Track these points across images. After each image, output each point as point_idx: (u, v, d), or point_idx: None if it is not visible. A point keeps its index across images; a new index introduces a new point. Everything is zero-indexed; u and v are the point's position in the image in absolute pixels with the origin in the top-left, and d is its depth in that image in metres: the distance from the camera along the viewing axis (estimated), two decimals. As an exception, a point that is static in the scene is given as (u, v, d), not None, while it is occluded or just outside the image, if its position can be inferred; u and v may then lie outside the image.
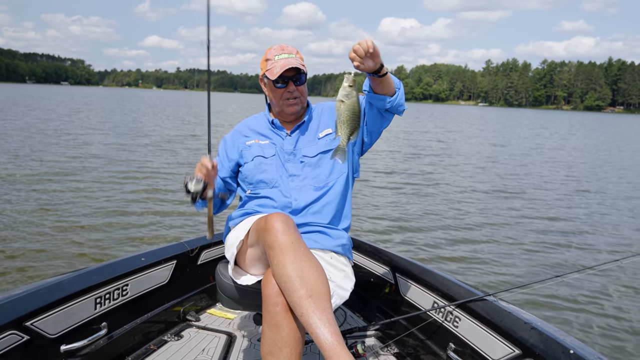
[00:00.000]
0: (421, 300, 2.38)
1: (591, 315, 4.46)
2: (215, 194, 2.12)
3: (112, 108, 37.82)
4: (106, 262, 2.31)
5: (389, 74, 1.88)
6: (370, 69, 1.78)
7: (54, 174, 9.52)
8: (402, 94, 1.98)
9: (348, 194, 2.17)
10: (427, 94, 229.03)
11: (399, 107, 1.99)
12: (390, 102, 1.95)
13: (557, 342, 1.71)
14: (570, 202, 9.54)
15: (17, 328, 1.74)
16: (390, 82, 1.91)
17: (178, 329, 2.57)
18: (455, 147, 20.09)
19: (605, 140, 29.02)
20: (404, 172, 12.51)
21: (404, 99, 1.99)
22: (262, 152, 2.14)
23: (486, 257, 5.91)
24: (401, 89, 1.98)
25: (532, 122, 54.34)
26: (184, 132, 20.81)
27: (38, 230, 5.97)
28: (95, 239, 5.81)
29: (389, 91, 1.93)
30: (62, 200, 7.50)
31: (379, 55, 1.75)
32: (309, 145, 2.12)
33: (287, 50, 2.11)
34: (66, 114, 27.66)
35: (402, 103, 1.99)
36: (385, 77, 1.86)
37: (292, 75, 2.07)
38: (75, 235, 5.87)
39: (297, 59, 2.09)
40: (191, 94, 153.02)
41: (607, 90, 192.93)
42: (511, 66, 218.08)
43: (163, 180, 9.60)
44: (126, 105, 45.88)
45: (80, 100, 50.80)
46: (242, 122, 2.32)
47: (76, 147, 13.65)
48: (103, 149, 13.63)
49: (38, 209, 6.86)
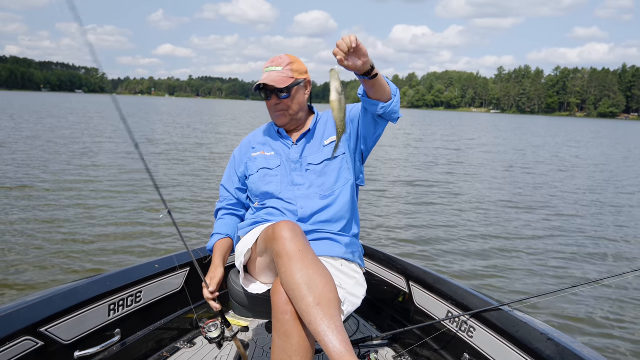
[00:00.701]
0: (435, 310, 2.35)
1: (608, 327, 4.37)
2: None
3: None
4: (120, 269, 2.32)
5: (383, 79, 1.85)
6: (357, 67, 1.73)
7: (70, 182, 9.61)
8: (398, 101, 1.94)
9: (355, 201, 2.16)
10: (439, 101, 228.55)
11: (392, 114, 1.95)
12: (383, 107, 1.92)
13: (574, 353, 1.67)
14: (586, 213, 9.39)
15: (32, 334, 1.76)
16: (384, 87, 1.87)
17: (191, 336, 2.58)
18: (469, 155, 19.98)
19: (627, 149, 28.58)
20: (418, 180, 12.44)
21: (399, 106, 1.96)
22: (267, 164, 2.14)
23: (501, 267, 5.84)
24: (397, 96, 1.94)
25: (547, 129, 53.88)
26: (193, 139, 20.89)
27: (49, 238, 6.01)
28: (106, 248, 5.84)
29: (383, 96, 1.90)
30: (74, 209, 7.56)
31: (366, 54, 1.71)
32: (315, 153, 2.12)
33: (276, 63, 2.11)
34: (80, 121, 27.92)
35: (396, 110, 1.95)
36: (376, 80, 1.82)
37: (275, 89, 2.06)
38: (83, 245, 5.90)
39: (279, 73, 2.07)
40: (203, 102, 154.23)
41: (621, 97, 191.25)
42: (523, 73, 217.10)
43: (173, 189, 9.65)
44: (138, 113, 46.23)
45: (93, 108, 51.25)
46: (250, 134, 2.33)
47: (84, 154, 13.78)
48: (112, 157, 13.74)
49: (49, 219, 6.92)
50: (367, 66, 1.74)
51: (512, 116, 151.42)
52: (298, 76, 2.11)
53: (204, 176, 11.30)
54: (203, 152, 16.12)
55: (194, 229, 6.83)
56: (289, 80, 2.07)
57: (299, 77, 2.11)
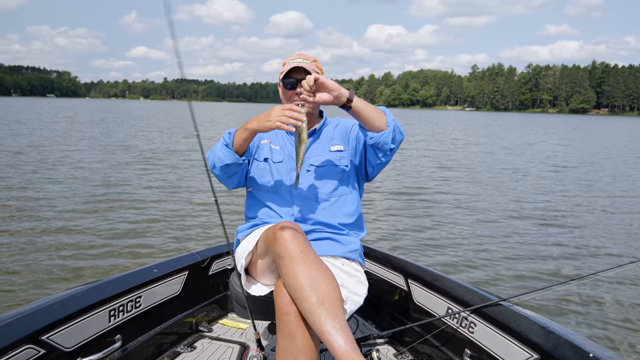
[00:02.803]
0: (435, 307, 2.37)
1: (609, 319, 4.43)
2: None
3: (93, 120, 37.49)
4: (119, 274, 2.31)
5: (368, 110, 1.85)
6: (328, 101, 1.80)
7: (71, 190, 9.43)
8: (390, 132, 1.90)
9: (358, 201, 2.18)
10: (415, 100, 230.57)
11: (384, 145, 1.92)
12: (372, 138, 1.91)
13: (576, 345, 1.70)
14: (583, 207, 9.52)
15: (33, 342, 1.74)
16: (370, 118, 1.86)
17: (191, 340, 2.56)
18: (459, 154, 20.08)
19: (612, 144, 29.11)
20: (413, 179, 12.51)
21: (391, 137, 1.90)
22: (272, 156, 2.15)
23: (499, 262, 5.89)
24: (391, 127, 1.90)
25: (526, 126, 54.71)
26: (170, 145, 20.69)
27: (45, 245, 5.94)
28: (106, 252, 5.81)
29: (372, 127, 1.89)
30: (64, 213, 7.42)
31: (334, 88, 1.77)
32: (318, 155, 2.12)
33: (303, 57, 2.14)
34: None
35: (387, 142, 1.90)
36: (356, 112, 1.84)
37: (302, 78, 2.06)
38: (80, 250, 5.84)
39: (310, 65, 2.10)
40: (178, 104, 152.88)
41: (591, 92, 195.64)
42: (497, 71, 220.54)
43: (167, 193, 9.56)
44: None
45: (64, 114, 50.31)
46: None
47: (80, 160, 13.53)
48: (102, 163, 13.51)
49: (45, 226, 6.81)
50: (341, 98, 1.80)
51: (487, 113, 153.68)
52: (321, 74, 2.13)
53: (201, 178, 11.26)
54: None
55: (191, 232, 6.80)
56: (315, 73, 2.09)
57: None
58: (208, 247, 2.84)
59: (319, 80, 1.76)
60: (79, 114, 46.91)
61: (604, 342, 4.00)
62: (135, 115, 48.79)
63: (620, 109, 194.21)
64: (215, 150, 2.03)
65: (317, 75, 1.77)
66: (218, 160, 2.01)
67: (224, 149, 1.99)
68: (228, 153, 1.98)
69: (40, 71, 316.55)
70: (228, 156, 1.98)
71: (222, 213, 2.11)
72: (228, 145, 1.98)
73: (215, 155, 2.03)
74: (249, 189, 2.19)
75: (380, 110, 1.91)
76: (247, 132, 1.93)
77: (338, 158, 2.12)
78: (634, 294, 5.01)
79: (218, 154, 2.01)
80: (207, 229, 6.96)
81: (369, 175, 2.18)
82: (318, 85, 1.77)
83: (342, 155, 2.12)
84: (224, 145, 1.99)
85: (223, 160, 1.99)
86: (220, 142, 2.03)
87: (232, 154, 1.98)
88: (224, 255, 2.86)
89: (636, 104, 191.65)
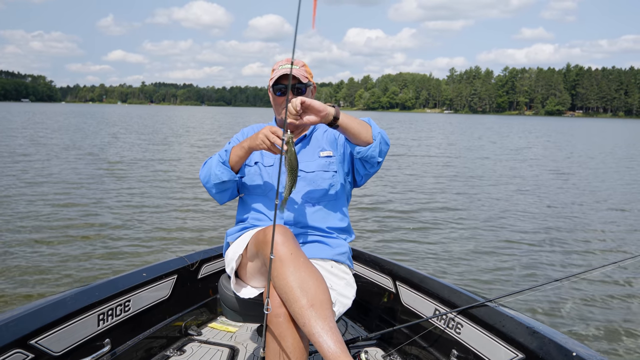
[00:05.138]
0: (422, 308, 2.39)
1: (592, 318, 4.51)
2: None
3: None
4: (108, 278, 2.29)
5: (355, 127, 1.88)
6: (315, 122, 1.82)
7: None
8: (376, 146, 1.94)
9: (346, 205, 2.20)
10: (394, 103, 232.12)
11: (371, 159, 1.96)
12: (359, 152, 1.95)
13: (560, 345, 1.73)
14: (566, 208, 9.65)
15: (22, 347, 1.73)
16: (357, 134, 1.89)
17: (180, 344, 2.56)
18: (443, 153, 20.31)
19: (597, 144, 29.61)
20: (401, 182, 12.58)
21: (377, 151, 1.95)
22: (262, 160, 2.17)
23: (485, 264, 5.96)
24: (377, 141, 1.94)
25: (510, 128, 55.45)
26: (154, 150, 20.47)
27: (32, 249, 5.90)
28: (94, 255, 5.79)
29: (358, 141, 1.92)
30: (57, 219, 7.31)
31: (321, 109, 1.78)
32: (308, 161, 2.14)
33: (294, 63, 2.15)
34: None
35: (374, 155, 1.95)
36: (344, 128, 1.86)
37: (296, 83, 2.09)
38: (69, 255, 5.79)
39: (299, 70, 2.12)
40: (157, 108, 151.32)
41: (566, 95, 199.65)
42: (474, 74, 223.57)
43: (156, 195, 9.47)
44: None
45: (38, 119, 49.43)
46: (250, 126, 2.34)
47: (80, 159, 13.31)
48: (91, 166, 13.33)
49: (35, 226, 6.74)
50: (328, 117, 1.82)
51: (465, 116, 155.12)
52: (310, 79, 2.17)
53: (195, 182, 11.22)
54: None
55: (180, 236, 6.79)
56: (305, 79, 2.12)
57: (310, 80, 2.17)
58: (197, 251, 2.84)
59: (305, 103, 1.77)
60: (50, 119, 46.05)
61: (588, 342, 4.07)
62: (112, 122, 48.12)
63: (594, 110, 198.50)
64: (211, 167, 2.06)
65: (302, 98, 1.77)
66: (214, 177, 2.04)
67: (221, 166, 2.02)
68: (225, 170, 2.02)
69: (15, 75, 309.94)
70: (225, 173, 2.02)
71: (212, 216, 2.12)
72: (225, 162, 2.01)
73: (211, 171, 2.06)
74: (241, 194, 2.21)
75: (365, 124, 1.94)
76: (243, 150, 1.98)
77: (327, 164, 2.14)
78: (618, 294, 5.11)
79: (214, 171, 2.03)
80: (196, 232, 6.95)
81: (357, 182, 2.21)
82: (304, 107, 1.78)
83: (331, 160, 2.14)
84: (220, 163, 2.02)
85: (220, 177, 2.03)
86: (215, 158, 2.05)
87: (229, 171, 2.02)
88: (213, 258, 2.86)
89: (609, 106, 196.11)
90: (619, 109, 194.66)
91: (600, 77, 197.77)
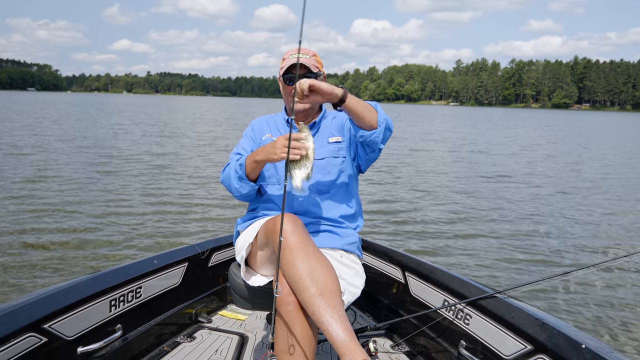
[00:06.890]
0: (431, 299, 2.40)
1: (601, 311, 4.51)
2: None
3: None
4: (120, 265, 2.32)
5: (360, 109, 1.87)
6: (321, 102, 1.83)
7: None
8: (380, 132, 1.93)
9: (355, 193, 2.20)
10: (400, 95, 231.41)
11: (373, 144, 1.96)
12: (362, 136, 1.94)
13: (569, 337, 1.72)
14: (579, 201, 9.62)
15: (36, 330, 1.76)
16: (362, 117, 1.88)
17: (190, 331, 2.59)
18: (459, 147, 20.16)
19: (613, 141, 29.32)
20: (411, 173, 12.56)
21: (381, 137, 1.95)
22: None
23: (495, 255, 5.95)
24: (382, 127, 1.93)
25: (521, 121, 55.11)
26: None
27: (45, 237, 5.98)
28: (106, 242, 5.89)
29: (363, 124, 1.91)
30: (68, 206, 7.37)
31: (328, 91, 1.77)
32: (318, 148, 2.13)
33: (303, 51, 2.14)
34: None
35: (377, 141, 1.95)
36: (349, 110, 1.85)
37: (302, 74, 2.08)
38: (82, 240, 5.91)
39: (309, 60, 2.11)
40: (163, 98, 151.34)
41: (573, 88, 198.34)
42: (481, 66, 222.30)
43: (170, 183, 9.52)
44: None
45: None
46: (258, 118, 2.35)
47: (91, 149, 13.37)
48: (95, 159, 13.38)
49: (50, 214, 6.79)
50: (334, 99, 1.81)
51: (471, 108, 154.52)
52: (320, 68, 2.16)
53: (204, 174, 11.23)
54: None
55: (191, 224, 6.82)
56: (316, 68, 2.12)
57: (320, 70, 2.16)
58: (208, 239, 2.86)
59: (314, 86, 1.76)
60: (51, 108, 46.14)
61: (597, 334, 4.07)
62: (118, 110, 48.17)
63: (601, 104, 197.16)
64: (230, 179, 2.07)
65: (311, 81, 1.76)
66: (235, 190, 2.08)
67: (238, 181, 2.04)
68: (244, 184, 2.04)
69: (21, 64, 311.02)
70: (244, 187, 2.05)
71: (222, 205, 2.13)
72: (241, 177, 2.03)
73: (231, 184, 2.08)
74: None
75: (371, 108, 1.93)
76: (257, 163, 1.98)
77: (337, 149, 2.14)
78: (628, 287, 5.11)
79: (234, 185, 2.06)
80: (206, 221, 7.03)
81: (361, 168, 2.21)
82: (313, 90, 1.77)
83: (340, 146, 2.14)
84: (237, 178, 2.04)
85: (240, 190, 2.06)
86: (232, 172, 2.06)
87: (247, 183, 2.03)
88: (224, 247, 2.88)
89: (617, 99, 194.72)
90: (626, 102, 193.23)
91: (608, 70, 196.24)
